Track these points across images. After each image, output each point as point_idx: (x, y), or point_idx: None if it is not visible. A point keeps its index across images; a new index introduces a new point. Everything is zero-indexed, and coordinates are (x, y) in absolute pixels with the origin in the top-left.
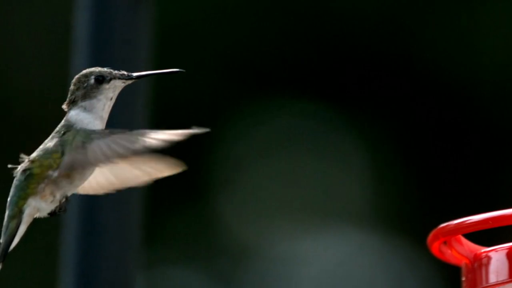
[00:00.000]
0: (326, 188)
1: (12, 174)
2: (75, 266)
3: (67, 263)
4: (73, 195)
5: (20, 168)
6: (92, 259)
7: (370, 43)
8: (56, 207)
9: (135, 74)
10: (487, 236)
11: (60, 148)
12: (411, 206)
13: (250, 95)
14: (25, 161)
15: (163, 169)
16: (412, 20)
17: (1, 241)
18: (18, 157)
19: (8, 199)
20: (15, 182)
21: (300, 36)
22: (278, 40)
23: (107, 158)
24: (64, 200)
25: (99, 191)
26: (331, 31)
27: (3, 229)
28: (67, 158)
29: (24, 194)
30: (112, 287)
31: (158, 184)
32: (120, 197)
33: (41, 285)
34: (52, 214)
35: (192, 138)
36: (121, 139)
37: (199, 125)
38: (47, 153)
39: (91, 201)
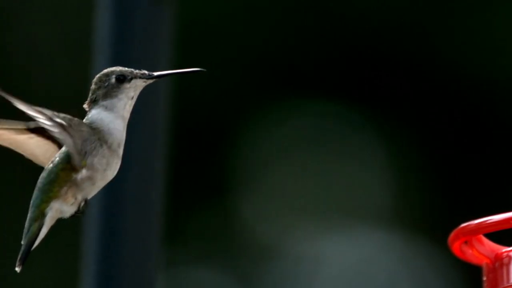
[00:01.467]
0: (348, 188)
1: (35, 175)
2: (96, 266)
3: (88, 264)
4: (93, 196)
5: (43, 170)
6: (113, 260)
7: (393, 44)
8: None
9: (156, 73)
10: (508, 235)
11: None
12: (432, 205)
13: (271, 94)
14: (48, 162)
15: None
16: (436, 19)
17: (22, 242)
18: None
19: (31, 201)
20: (38, 184)
21: (323, 36)
22: (300, 40)
23: None
24: (83, 202)
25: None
26: (354, 31)
27: (25, 230)
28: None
29: (47, 197)
30: (133, 287)
31: (179, 184)
32: (141, 197)
33: (62, 285)
34: (71, 216)
35: (212, 138)
36: None
37: (219, 125)
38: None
39: (111, 201)
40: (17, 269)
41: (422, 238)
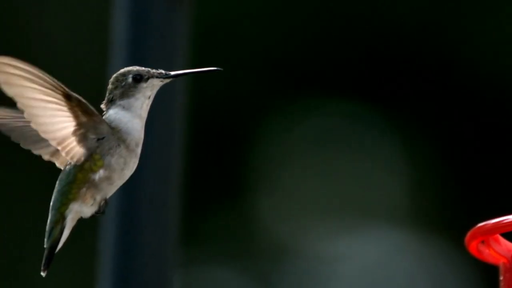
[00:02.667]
0: (364, 187)
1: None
2: (113, 266)
3: (105, 263)
4: (110, 196)
5: (61, 171)
6: (130, 259)
7: (408, 43)
8: (95, 209)
9: (172, 72)
10: None
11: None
12: (449, 205)
13: (288, 94)
14: (66, 164)
15: None
16: (453, 18)
17: (45, 246)
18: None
19: (51, 203)
20: (57, 186)
21: (339, 36)
22: (316, 39)
23: None
24: (103, 202)
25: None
26: (370, 31)
27: (46, 234)
28: None
29: (65, 200)
30: (150, 286)
31: (195, 184)
32: (157, 197)
33: (80, 285)
34: (91, 216)
35: (228, 137)
36: None
37: (235, 125)
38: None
39: (128, 201)
40: (42, 273)
41: (438, 237)
